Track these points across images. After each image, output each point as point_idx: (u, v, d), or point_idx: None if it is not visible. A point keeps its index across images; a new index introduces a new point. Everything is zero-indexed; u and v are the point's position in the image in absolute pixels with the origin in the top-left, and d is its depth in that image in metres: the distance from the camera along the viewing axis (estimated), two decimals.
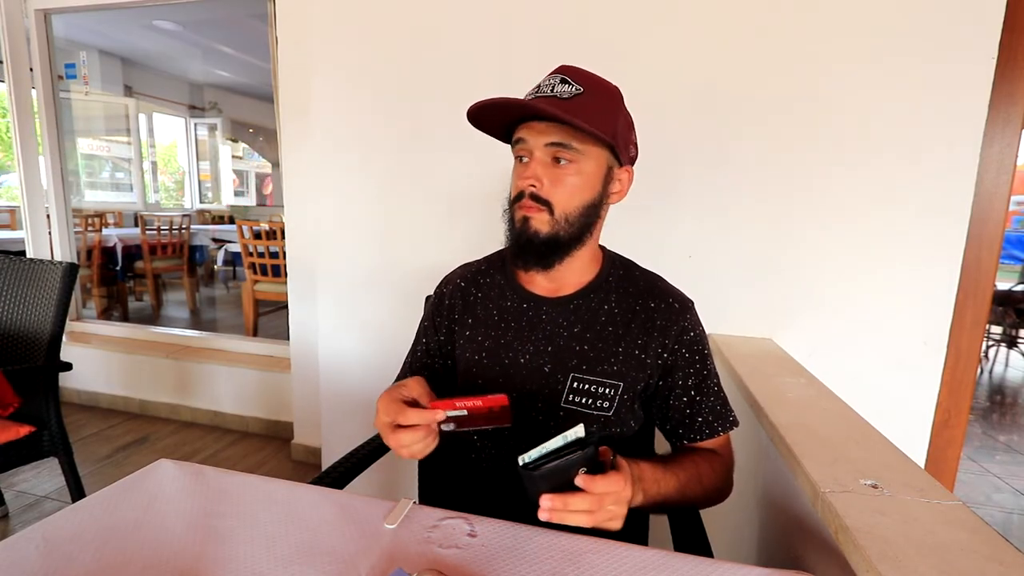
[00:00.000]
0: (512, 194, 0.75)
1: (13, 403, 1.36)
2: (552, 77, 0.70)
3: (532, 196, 0.70)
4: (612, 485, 0.56)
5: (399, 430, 0.61)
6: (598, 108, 0.69)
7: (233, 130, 6.99)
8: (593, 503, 0.56)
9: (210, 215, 6.38)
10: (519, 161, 0.74)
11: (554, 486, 0.56)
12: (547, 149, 0.70)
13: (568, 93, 0.68)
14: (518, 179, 0.73)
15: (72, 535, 0.57)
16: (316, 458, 2.15)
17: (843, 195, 1.28)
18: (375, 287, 1.66)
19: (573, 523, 0.56)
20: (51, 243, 2.68)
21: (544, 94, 0.69)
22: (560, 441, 0.56)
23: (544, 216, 0.71)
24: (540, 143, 0.70)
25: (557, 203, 0.71)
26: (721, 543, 0.92)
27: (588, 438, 0.56)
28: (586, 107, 0.67)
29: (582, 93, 0.68)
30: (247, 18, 3.92)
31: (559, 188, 0.70)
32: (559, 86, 0.69)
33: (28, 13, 2.45)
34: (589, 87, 0.69)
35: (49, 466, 1.95)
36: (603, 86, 0.71)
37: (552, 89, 0.69)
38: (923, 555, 0.49)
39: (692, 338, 0.77)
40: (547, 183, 0.70)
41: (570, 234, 0.72)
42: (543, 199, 0.70)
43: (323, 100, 1.63)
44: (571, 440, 0.56)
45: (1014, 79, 1.17)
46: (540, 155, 0.70)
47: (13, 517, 1.74)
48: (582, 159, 0.70)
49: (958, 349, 1.26)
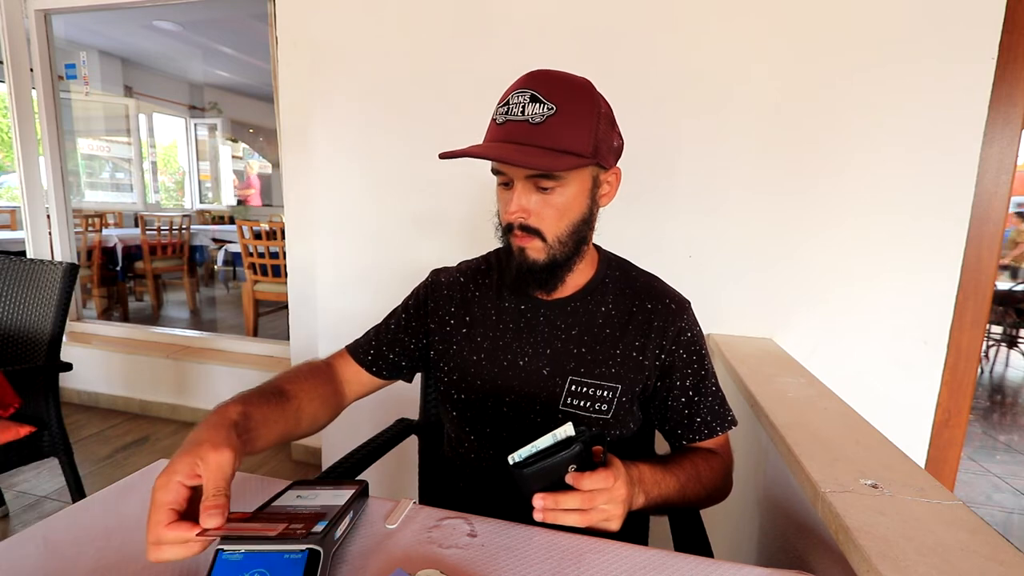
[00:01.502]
0: (502, 223, 0.74)
1: (13, 403, 1.36)
2: (521, 93, 0.65)
3: (521, 227, 0.70)
4: (601, 481, 0.56)
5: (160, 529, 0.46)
6: (573, 124, 0.65)
7: (233, 130, 6.99)
8: (584, 501, 0.56)
9: (210, 215, 6.38)
10: (502, 187, 0.72)
11: (546, 485, 0.56)
12: (528, 180, 0.68)
13: (540, 116, 0.64)
14: (504, 211, 0.71)
15: (72, 535, 0.57)
16: (316, 458, 2.15)
17: (843, 195, 1.28)
18: (375, 287, 1.66)
19: (567, 523, 0.56)
20: (51, 243, 2.69)
21: (515, 117, 0.65)
22: (550, 440, 0.57)
23: (537, 243, 0.70)
24: (520, 175, 0.67)
25: (547, 229, 0.70)
26: (721, 543, 0.92)
27: (578, 436, 0.57)
28: (561, 131, 0.64)
29: (554, 113, 0.64)
30: (247, 18, 3.92)
31: (546, 214, 0.69)
32: (529, 106, 0.64)
33: (28, 13, 2.45)
34: (561, 102, 0.64)
35: (49, 466, 1.95)
36: (575, 92, 0.67)
37: (522, 110, 0.65)
38: (923, 555, 0.49)
39: (689, 338, 0.77)
40: (534, 212, 0.69)
41: (566, 254, 0.72)
42: (533, 228, 0.69)
43: (323, 100, 1.63)
44: (561, 439, 0.57)
45: (1014, 80, 1.17)
46: (522, 185, 0.68)
47: (13, 517, 1.74)
48: (565, 182, 0.68)
49: (958, 349, 1.26)
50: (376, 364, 0.84)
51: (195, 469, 0.48)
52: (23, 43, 2.47)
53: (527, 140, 0.64)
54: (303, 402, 0.72)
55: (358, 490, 0.61)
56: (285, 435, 0.68)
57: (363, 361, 0.84)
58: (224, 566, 0.46)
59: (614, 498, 0.58)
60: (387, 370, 0.85)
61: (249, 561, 0.46)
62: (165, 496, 0.47)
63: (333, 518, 0.52)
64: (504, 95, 0.68)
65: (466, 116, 1.50)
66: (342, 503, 0.56)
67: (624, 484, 0.59)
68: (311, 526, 0.50)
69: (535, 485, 0.56)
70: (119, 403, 2.63)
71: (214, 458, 0.49)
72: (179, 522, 0.47)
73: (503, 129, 0.66)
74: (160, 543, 0.46)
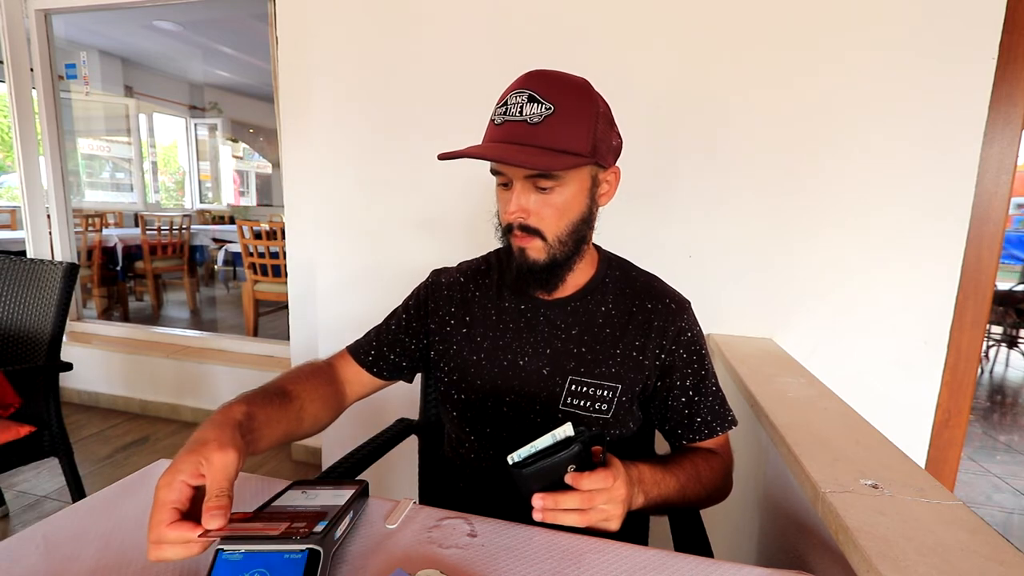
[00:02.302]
0: (502, 223, 0.74)
1: (14, 403, 1.36)
2: (519, 93, 0.65)
3: (521, 227, 0.70)
4: (600, 481, 0.56)
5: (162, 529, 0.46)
6: (572, 123, 0.65)
7: (233, 130, 7.00)
8: (583, 500, 0.56)
9: (210, 215, 6.39)
10: (501, 187, 0.72)
11: (545, 485, 0.56)
12: (527, 180, 0.68)
13: (538, 116, 0.64)
14: (504, 211, 0.71)
15: (72, 535, 0.57)
16: (316, 458, 2.15)
17: (843, 195, 1.28)
18: (375, 287, 1.66)
19: (566, 523, 0.56)
20: (51, 243, 2.69)
21: (513, 117, 0.65)
22: (549, 440, 0.57)
23: (538, 243, 0.70)
24: (519, 175, 0.67)
25: (547, 229, 0.70)
26: (721, 543, 0.92)
27: (578, 436, 0.57)
28: (560, 130, 0.64)
29: (553, 113, 0.64)
30: (247, 18, 3.92)
31: (546, 214, 0.69)
32: (527, 106, 0.64)
33: (28, 13, 2.45)
34: (560, 101, 0.64)
35: (49, 466, 1.95)
36: (573, 92, 0.67)
37: (521, 111, 0.64)
38: (923, 555, 0.49)
39: (689, 338, 0.77)
40: (533, 212, 0.69)
41: (566, 253, 0.72)
42: (533, 228, 0.70)
43: (323, 100, 1.63)
44: (560, 439, 0.57)
45: (1014, 80, 1.17)
46: (521, 185, 0.68)
47: (13, 517, 1.75)
48: (564, 182, 0.68)
49: (958, 349, 1.26)
50: (377, 365, 0.84)
51: (199, 469, 0.48)
52: (23, 43, 2.47)
53: (526, 140, 0.64)
54: (305, 402, 0.72)
55: (358, 490, 0.61)
56: (288, 435, 0.68)
57: (364, 362, 0.84)
58: (224, 566, 0.46)
59: (613, 498, 0.58)
60: (388, 371, 0.85)
61: (249, 561, 0.46)
62: (168, 495, 0.47)
63: (333, 518, 0.52)
64: (502, 96, 0.68)
65: (466, 116, 1.50)
66: (342, 503, 0.56)
67: (624, 484, 0.59)
68: (312, 526, 0.50)
69: (534, 485, 0.56)
70: (119, 403, 2.63)
71: (219, 458, 0.49)
72: (181, 522, 0.47)
73: (501, 129, 0.66)
74: (161, 542, 0.46)
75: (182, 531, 0.46)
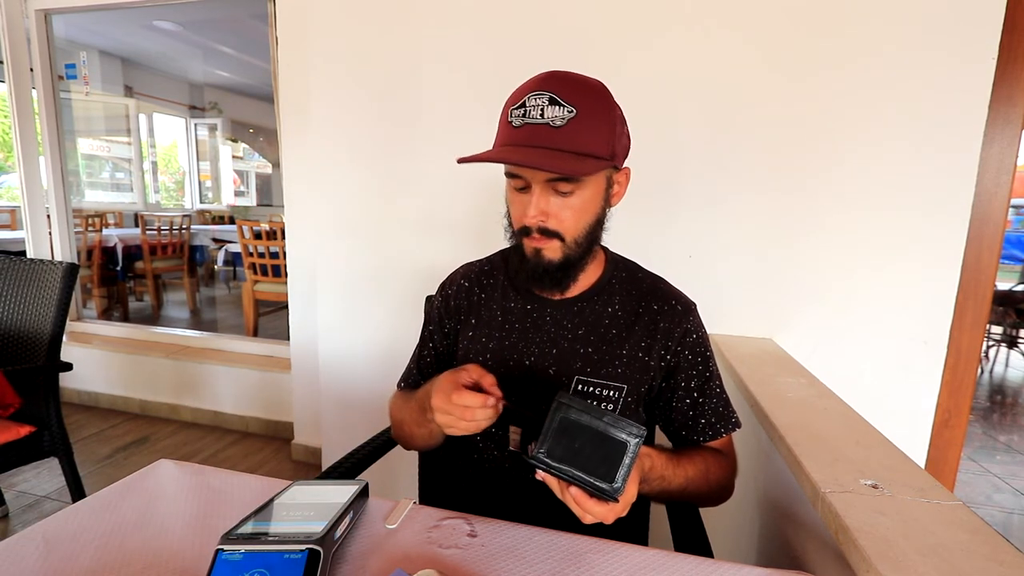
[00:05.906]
0: (515, 225, 0.73)
1: (13, 403, 1.36)
2: (539, 96, 0.64)
3: (540, 230, 0.69)
4: (601, 516, 0.53)
5: (467, 397, 0.60)
6: (594, 127, 0.65)
7: (233, 130, 6.99)
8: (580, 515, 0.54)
9: (210, 215, 6.38)
10: (516, 190, 0.71)
11: (567, 442, 0.53)
12: (547, 184, 0.67)
13: (561, 119, 0.63)
14: (521, 214, 0.70)
15: (72, 535, 0.57)
16: (316, 458, 2.15)
17: (844, 195, 1.28)
18: (375, 287, 1.66)
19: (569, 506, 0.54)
20: (51, 243, 2.69)
21: (534, 120, 0.63)
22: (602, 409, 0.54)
23: (555, 244, 0.70)
24: (539, 178, 0.66)
25: (567, 231, 0.69)
26: (721, 543, 0.92)
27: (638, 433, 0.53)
28: (582, 133, 0.63)
29: (575, 116, 0.63)
30: (247, 18, 3.92)
31: (565, 217, 0.69)
32: (549, 108, 0.63)
33: (28, 13, 2.45)
34: (581, 104, 0.63)
35: (49, 466, 1.95)
36: (592, 94, 0.66)
37: (542, 113, 0.63)
38: (923, 555, 0.49)
39: (695, 340, 0.77)
40: (553, 215, 0.68)
41: (580, 253, 0.72)
42: (552, 231, 0.69)
43: (323, 100, 1.63)
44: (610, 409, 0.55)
45: (1014, 80, 1.17)
46: (540, 188, 0.67)
47: (13, 517, 1.75)
48: (583, 184, 0.68)
49: (958, 349, 1.26)
50: None
51: (466, 378, 0.62)
52: (23, 43, 2.47)
53: (549, 143, 0.63)
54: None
55: (358, 490, 0.61)
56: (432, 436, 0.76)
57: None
58: (224, 566, 0.46)
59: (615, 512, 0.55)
60: None
61: (249, 561, 0.46)
62: (459, 378, 0.62)
63: (333, 518, 0.52)
64: (517, 96, 0.66)
65: (467, 116, 1.50)
66: (342, 503, 0.56)
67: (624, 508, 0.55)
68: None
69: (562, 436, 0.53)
70: (119, 403, 2.63)
71: (474, 367, 0.64)
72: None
73: (521, 132, 0.65)
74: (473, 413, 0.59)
75: (479, 397, 0.60)
